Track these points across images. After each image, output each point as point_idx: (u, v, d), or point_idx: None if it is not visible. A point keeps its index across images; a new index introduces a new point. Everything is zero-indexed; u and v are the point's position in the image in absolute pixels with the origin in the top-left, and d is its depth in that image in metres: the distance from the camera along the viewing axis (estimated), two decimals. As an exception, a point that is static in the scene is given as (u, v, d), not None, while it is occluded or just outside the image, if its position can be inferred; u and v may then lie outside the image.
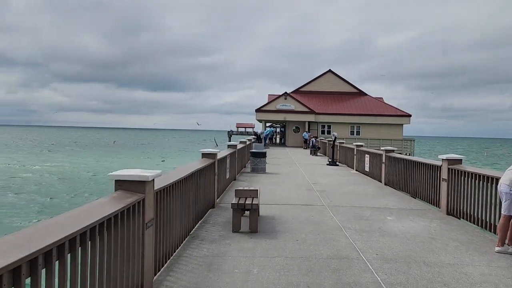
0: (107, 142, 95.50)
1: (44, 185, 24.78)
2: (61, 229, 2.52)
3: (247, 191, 6.89)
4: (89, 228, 2.70)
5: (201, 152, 8.47)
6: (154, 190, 4.15)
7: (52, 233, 2.43)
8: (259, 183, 12.62)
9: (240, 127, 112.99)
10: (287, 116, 42.93)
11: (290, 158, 23.92)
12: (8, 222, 15.19)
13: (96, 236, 2.85)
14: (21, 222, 15.26)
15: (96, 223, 2.80)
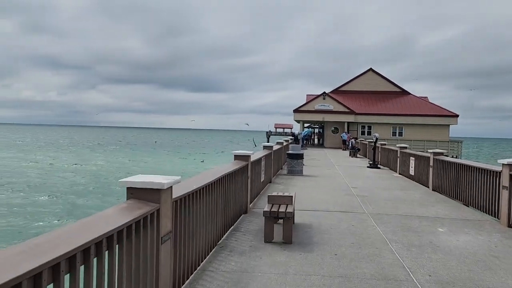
0: (149, 142, 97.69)
1: (76, 185, 25.24)
2: (54, 248, 2.08)
3: (281, 197, 6.31)
4: (80, 249, 2.23)
5: (233, 154, 7.97)
6: (172, 199, 3.65)
7: (44, 252, 2.00)
8: (295, 186, 12.00)
9: (278, 128, 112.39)
10: (325, 117, 41.90)
11: (328, 160, 23.08)
12: (21, 225, 15.28)
13: (90, 257, 2.36)
14: (31, 227, 15.42)
15: (90, 243, 2.32)
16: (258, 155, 9.97)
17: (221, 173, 5.90)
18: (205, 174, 5.74)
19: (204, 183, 4.82)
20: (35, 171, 31.44)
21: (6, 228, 14.33)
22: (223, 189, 6.06)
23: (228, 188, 6.45)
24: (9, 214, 16.39)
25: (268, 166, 11.99)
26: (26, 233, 13.34)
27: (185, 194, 4.06)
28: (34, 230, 13.96)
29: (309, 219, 7.54)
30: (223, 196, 6.10)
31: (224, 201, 6.13)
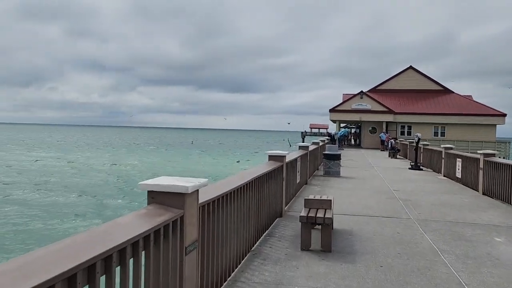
0: (185, 142, 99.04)
1: (108, 185, 25.59)
2: (47, 272, 1.72)
3: (319, 201, 5.82)
4: (83, 267, 1.87)
5: (268, 154, 7.55)
6: (199, 203, 3.27)
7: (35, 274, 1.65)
8: (332, 188, 11.43)
9: (313, 128, 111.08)
10: (363, 116, 40.72)
11: (366, 161, 22.23)
12: (40, 227, 15.38)
13: (96, 276, 1.99)
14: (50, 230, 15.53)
15: (96, 259, 1.96)
16: (294, 156, 9.50)
17: (254, 175, 5.49)
18: (237, 176, 5.35)
19: (235, 186, 4.43)
20: (71, 170, 32.29)
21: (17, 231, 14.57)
22: (256, 191, 5.66)
23: (262, 190, 6.04)
24: (32, 215, 16.70)
25: (304, 167, 11.49)
26: (49, 236, 13.46)
27: (213, 198, 3.68)
28: (59, 232, 14.08)
29: (349, 225, 7.00)
30: (257, 199, 5.70)
31: (257, 204, 5.73)
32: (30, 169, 32.04)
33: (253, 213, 5.48)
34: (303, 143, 13.38)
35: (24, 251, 11.48)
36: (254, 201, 5.53)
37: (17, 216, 15.88)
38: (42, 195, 20.53)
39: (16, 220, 15.17)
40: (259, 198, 5.83)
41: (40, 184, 24.32)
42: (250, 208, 5.25)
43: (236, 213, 4.55)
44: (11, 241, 12.61)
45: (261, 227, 5.98)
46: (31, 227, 14.19)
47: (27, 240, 12.63)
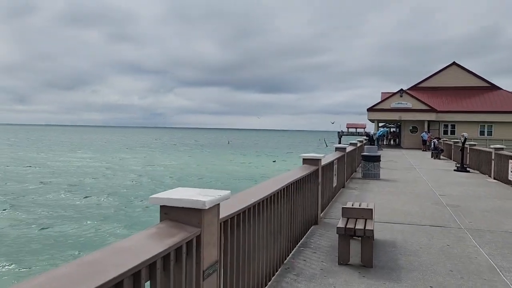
0: (222, 142, 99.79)
1: (138, 186, 25.76)
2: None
3: (358, 210, 5.27)
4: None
5: (302, 158, 7.05)
6: (219, 219, 2.85)
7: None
8: (372, 192, 10.76)
9: (350, 128, 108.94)
10: (403, 115, 39.20)
11: (407, 162, 21.17)
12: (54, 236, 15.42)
13: None
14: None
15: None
16: (330, 158, 8.94)
17: (287, 181, 5.03)
18: (268, 183, 4.91)
19: (264, 195, 3.99)
20: (106, 171, 32.91)
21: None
22: (289, 198, 5.21)
23: (296, 196, 5.57)
24: (61, 217, 16.91)
25: (341, 170, 10.89)
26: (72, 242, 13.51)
27: (237, 211, 3.25)
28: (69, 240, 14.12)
29: (391, 235, 6.40)
30: (289, 206, 5.24)
31: (290, 213, 5.27)
32: (67, 170, 32.98)
33: (286, 223, 5.03)
34: (339, 144, 12.74)
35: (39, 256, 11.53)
36: (287, 209, 5.08)
37: (48, 217, 16.15)
38: (72, 196, 20.91)
39: (45, 221, 15.41)
40: (292, 206, 5.37)
41: (75, 185, 24.88)
42: (282, 217, 4.80)
43: (265, 225, 4.11)
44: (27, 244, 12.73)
45: (294, 237, 5.51)
46: (59, 231, 14.28)
47: (50, 246, 12.69)
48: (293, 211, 5.38)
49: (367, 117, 41.87)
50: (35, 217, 15.99)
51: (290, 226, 5.27)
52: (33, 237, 13.22)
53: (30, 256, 11.35)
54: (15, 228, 14.24)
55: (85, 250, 11.73)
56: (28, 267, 10.46)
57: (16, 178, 27.28)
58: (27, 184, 24.42)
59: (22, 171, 31.56)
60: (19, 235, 13.38)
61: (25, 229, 14.10)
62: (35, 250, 11.89)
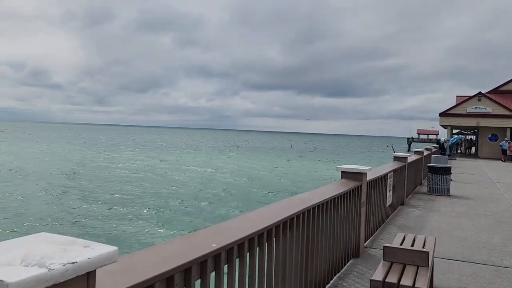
0: (285, 146, 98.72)
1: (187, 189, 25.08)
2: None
3: (408, 252, 3.65)
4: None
5: (341, 170, 5.51)
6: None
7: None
8: (437, 212, 8.83)
9: (421, 134, 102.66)
10: (481, 121, 35.24)
11: (485, 174, 18.36)
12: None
13: None
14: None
15: None
16: (383, 170, 7.24)
17: (304, 205, 3.60)
18: (274, 207, 3.51)
19: (263, 227, 2.71)
20: (163, 171, 32.93)
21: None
22: (318, 223, 3.89)
23: (327, 220, 4.15)
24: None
25: (399, 184, 9.07)
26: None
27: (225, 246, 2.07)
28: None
29: (459, 280, 4.66)
30: (318, 233, 3.90)
31: (316, 243, 3.89)
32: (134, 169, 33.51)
33: (312, 256, 3.74)
34: (408, 151, 10.82)
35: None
36: (309, 238, 3.75)
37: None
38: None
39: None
40: (318, 234, 3.99)
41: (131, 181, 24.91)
42: (298, 255, 3.46)
43: (286, 254, 2.99)
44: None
45: (322, 276, 4.05)
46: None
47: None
48: (320, 242, 3.93)
49: (439, 122, 38.34)
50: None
51: (315, 263, 3.84)
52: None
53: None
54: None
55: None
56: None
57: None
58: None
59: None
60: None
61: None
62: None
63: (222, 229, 2.53)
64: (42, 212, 16.47)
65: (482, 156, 35.36)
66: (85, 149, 56.90)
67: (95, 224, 14.81)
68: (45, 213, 16.22)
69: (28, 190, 21.29)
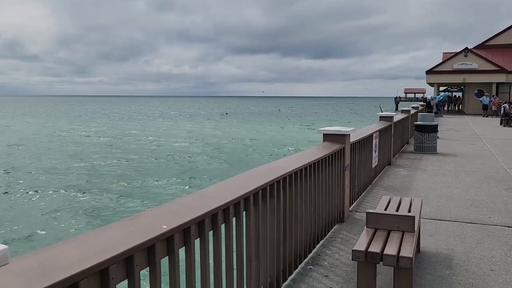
0: (273, 111, 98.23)
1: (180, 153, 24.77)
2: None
3: (392, 217, 3.39)
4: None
5: (323, 133, 5.19)
6: None
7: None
8: (424, 171, 8.67)
9: (408, 93, 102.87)
10: (467, 77, 35.08)
11: (471, 131, 18.31)
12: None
13: None
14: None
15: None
16: (367, 132, 6.95)
17: (284, 170, 3.32)
18: (255, 172, 3.25)
19: (255, 187, 2.51)
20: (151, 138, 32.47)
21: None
22: (305, 186, 3.75)
23: (308, 186, 3.91)
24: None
25: (385, 145, 8.84)
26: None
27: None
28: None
29: (446, 242, 4.48)
30: (304, 196, 3.67)
31: (304, 205, 3.68)
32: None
33: (295, 221, 3.54)
34: (395, 110, 10.54)
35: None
36: (299, 201, 3.59)
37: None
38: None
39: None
40: (307, 196, 3.79)
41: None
42: (284, 218, 3.26)
43: (259, 227, 2.69)
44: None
45: (300, 247, 3.81)
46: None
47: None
48: (299, 210, 3.67)
49: (426, 80, 38.11)
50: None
51: (294, 233, 3.59)
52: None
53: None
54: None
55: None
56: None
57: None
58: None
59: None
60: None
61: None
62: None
63: (178, 207, 2.21)
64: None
65: (469, 113, 35.45)
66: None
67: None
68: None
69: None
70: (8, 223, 11.52)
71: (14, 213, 12.55)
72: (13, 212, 12.66)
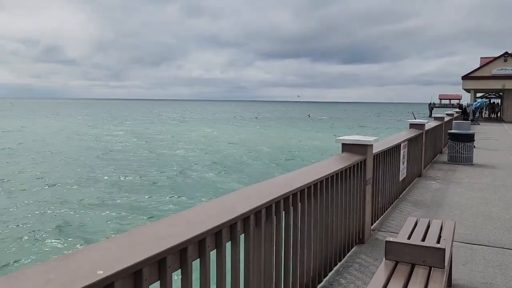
0: (302, 116, 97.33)
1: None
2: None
3: (417, 249, 2.80)
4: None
5: (341, 142, 4.64)
6: None
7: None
8: (460, 184, 7.91)
9: (443, 99, 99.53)
10: (507, 83, 33.37)
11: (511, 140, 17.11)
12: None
13: None
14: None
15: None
16: (394, 141, 6.31)
17: (296, 184, 2.84)
18: (259, 186, 2.78)
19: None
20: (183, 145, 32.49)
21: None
22: (307, 208, 3.17)
23: (323, 203, 3.41)
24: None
25: (415, 155, 8.13)
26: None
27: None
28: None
29: (484, 272, 3.83)
30: (296, 227, 3.12)
31: (304, 232, 3.15)
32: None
33: (296, 250, 3.00)
34: (430, 117, 9.79)
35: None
36: (299, 225, 3.05)
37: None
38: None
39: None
40: (314, 218, 3.29)
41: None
42: (285, 242, 2.78)
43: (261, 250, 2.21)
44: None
45: (311, 271, 3.29)
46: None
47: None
48: (306, 231, 3.16)
49: (462, 86, 36.52)
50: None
51: (300, 259, 3.08)
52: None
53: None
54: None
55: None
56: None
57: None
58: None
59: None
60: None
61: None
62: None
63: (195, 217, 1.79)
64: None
65: (507, 120, 33.64)
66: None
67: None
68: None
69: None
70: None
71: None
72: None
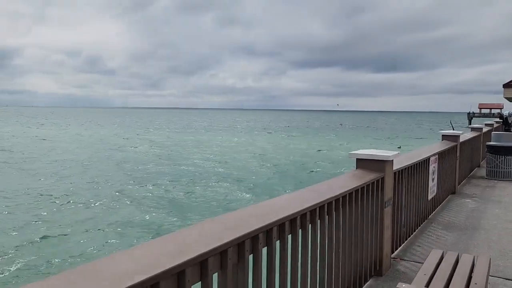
0: (334, 125, 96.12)
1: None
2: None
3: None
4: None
5: (355, 157, 4.02)
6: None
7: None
8: (500, 203, 7.04)
9: (483, 108, 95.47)
10: (553, 92, 31.23)
11: (559, 153, 15.68)
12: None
13: None
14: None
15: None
16: (421, 155, 5.59)
17: (293, 208, 2.31)
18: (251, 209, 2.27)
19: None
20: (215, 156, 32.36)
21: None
22: (295, 241, 2.59)
23: (329, 230, 2.84)
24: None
25: (448, 170, 7.32)
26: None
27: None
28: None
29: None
30: (294, 258, 2.56)
31: (299, 271, 2.58)
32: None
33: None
34: (469, 125, 9.01)
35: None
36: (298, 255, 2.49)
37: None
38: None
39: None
40: (319, 245, 2.72)
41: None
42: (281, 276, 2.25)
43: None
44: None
45: None
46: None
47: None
48: (301, 269, 2.59)
49: (503, 95, 34.56)
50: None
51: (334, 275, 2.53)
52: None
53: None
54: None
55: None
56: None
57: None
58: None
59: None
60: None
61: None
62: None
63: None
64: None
65: (554, 131, 31.50)
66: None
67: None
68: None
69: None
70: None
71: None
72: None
